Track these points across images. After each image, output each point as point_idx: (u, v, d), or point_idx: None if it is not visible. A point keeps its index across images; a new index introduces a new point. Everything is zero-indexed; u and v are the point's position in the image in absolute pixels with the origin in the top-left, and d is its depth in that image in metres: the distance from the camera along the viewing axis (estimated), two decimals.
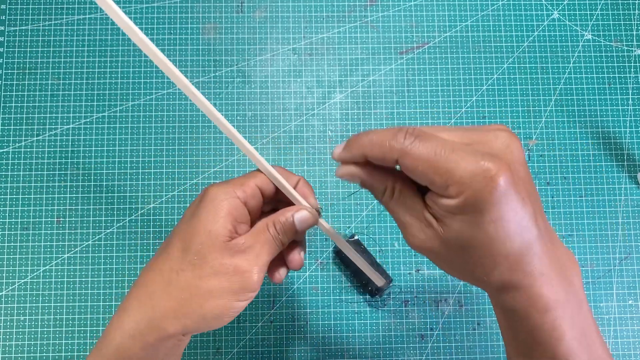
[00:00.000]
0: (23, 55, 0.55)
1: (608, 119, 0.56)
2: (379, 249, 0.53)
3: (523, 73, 0.57)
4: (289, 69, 0.56)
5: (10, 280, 0.51)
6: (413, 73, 0.57)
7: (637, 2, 0.59)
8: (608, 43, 0.58)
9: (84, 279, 0.52)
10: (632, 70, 0.57)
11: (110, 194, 0.53)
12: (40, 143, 0.54)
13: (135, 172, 0.54)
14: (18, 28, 0.56)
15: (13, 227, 0.52)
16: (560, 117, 0.56)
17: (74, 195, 0.53)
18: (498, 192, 0.26)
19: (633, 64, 0.57)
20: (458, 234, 0.28)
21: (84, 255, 0.52)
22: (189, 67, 0.56)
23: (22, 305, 0.51)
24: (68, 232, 0.52)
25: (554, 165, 0.55)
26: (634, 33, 0.58)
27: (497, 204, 0.27)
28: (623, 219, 0.54)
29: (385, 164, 0.30)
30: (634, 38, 0.58)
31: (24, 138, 0.54)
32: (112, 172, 0.54)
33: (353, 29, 0.57)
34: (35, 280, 0.52)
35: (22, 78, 0.55)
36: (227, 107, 0.55)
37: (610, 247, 0.54)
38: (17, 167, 0.53)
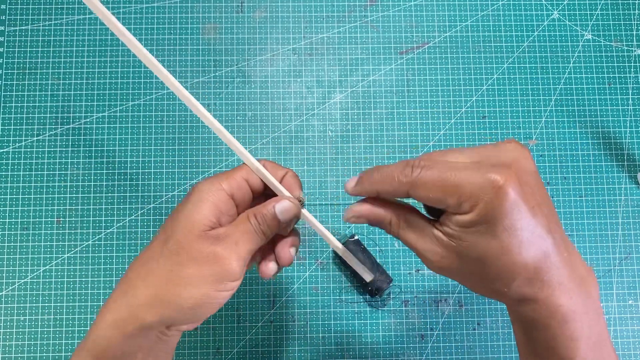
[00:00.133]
0: (23, 55, 0.55)
1: (608, 119, 0.56)
2: (379, 249, 0.53)
3: (523, 73, 0.57)
4: (289, 69, 0.56)
5: (10, 280, 0.51)
6: (413, 73, 0.57)
7: (637, 2, 0.59)
8: (608, 43, 0.58)
9: (84, 279, 0.52)
10: (632, 70, 0.57)
11: (110, 194, 0.53)
12: (40, 143, 0.54)
13: (135, 172, 0.54)
14: (18, 28, 0.56)
15: (13, 227, 0.52)
16: (560, 117, 0.56)
17: (74, 195, 0.53)
18: (508, 201, 0.27)
19: (633, 64, 0.57)
20: (474, 247, 0.29)
21: (84, 255, 0.52)
22: (189, 67, 0.56)
23: (22, 305, 0.51)
24: (68, 232, 0.52)
25: (554, 165, 0.55)
26: (634, 33, 0.58)
27: (508, 213, 0.27)
28: (623, 219, 0.54)
29: (398, 197, 0.31)
30: (634, 38, 0.58)
31: (24, 138, 0.54)
32: (112, 172, 0.54)
33: (353, 29, 0.57)
34: (35, 280, 0.52)
35: (22, 78, 0.55)
36: (227, 107, 0.55)
37: (610, 247, 0.54)
38: (17, 167, 0.53)
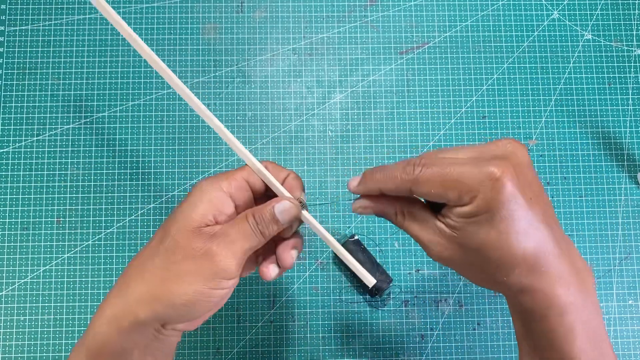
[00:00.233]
0: (23, 55, 0.55)
1: (608, 119, 0.56)
2: (379, 249, 0.53)
3: (523, 73, 0.57)
4: (289, 69, 0.56)
5: (10, 280, 0.51)
6: (413, 73, 0.57)
7: (637, 2, 0.59)
8: (608, 43, 0.58)
9: (84, 279, 0.52)
10: (632, 70, 0.57)
11: (110, 194, 0.53)
12: (40, 143, 0.54)
13: (135, 172, 0.54)
14: (18, 28, 0.56)
15: (13, 227, 0.52)
16: (560, 117, 0.56)
17: (74, 195, 0.53)
18: (505, 192, 0.28)
19: (633, 64, 0.57)
20: (474, 237, 0.30)
21: (84, 255, 0.52)
22: (189, 67, 0.56)
23: (22, 305, 0.51)
24: (68, 232, 0.52)
25: (554, 165, 0.55)
26: (634, 33, 0.58)
27: (506, 203, 0.29)
28: (623, 219, 0.54)
29: (400, 194, 0.32)
30: (634, 38, 0.58)
31: (24, 138, 0.54)
32: (112, 172, 0.54)
33: (353, 29, 0.57)
34: (35, 280, 0.52)
35: (22, 78, 0.55)
36: (227, 107, 0.55)
37: (610, 247, 0.54)
38: (17, 167, 0.53)
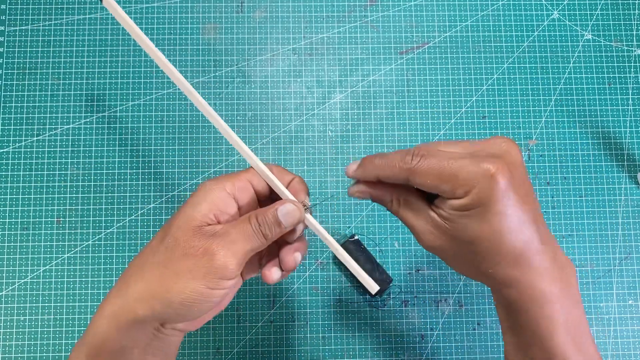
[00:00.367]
0: (23, 55, 0.55)
1: (608, 119, 0.56)
2: (379, 249, 0.53)
3: (523, 73, 0.57)
4: (289, 69, 0.56)
5: (10, 280, 0.51)
6: (413, 73, 0.57)
7: (637, 2, 0.59)
8: (608, 43, 0.58)
9: (84, 279, 0.52)
10: (632, 70, 0.57)
11: (110, 194, 0.53)
12: (40, 143, 0.54)
13: (135, 172, 0.54)
14: (18, 28, 0.56)
15: (13, 227, 0.52)
16: (560, 117, 0.56)
17: (74, 195, 0.53)
18: (499, 188, 0.30)
19: (633, 64, 0.57)
20: (466, 229, 0.31)
21: (84, 255, 0.52)
22: (189, 67, 0.56)
23: (22, 305, 0.51)
24: (68, 232, 0.52)
25: (554, 165, 0.55)
26: (634, 33, 0.58)
27: (499, 199, 0.30)
28: (623, 219, 0.54)
29: (397, 182, 0.33)
30: (634, 38, 0.58)
31: (24, 138, 0.54)
32: (112, 172, 0.54)
33: (353, 29, 0.57)
34: (35, 280, 0.52)
35: (22, 78, 0.55)
36: (227, 107, 0.55)
37: (610, 247, 0.54)
38: (17, 167, 0.53)
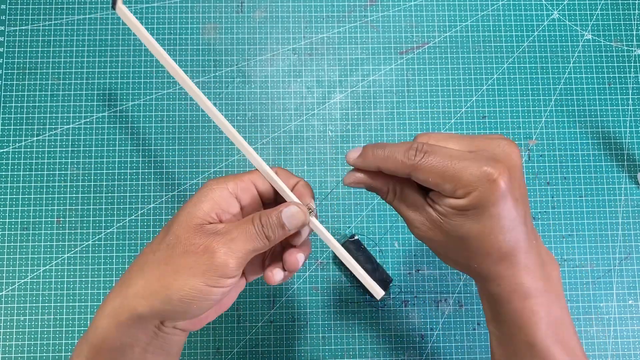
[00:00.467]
0: (23, 55, 0.55)
1: (608, 119, 0.56)
2: (379, 249, 0.53)
3: (523, 73, 0.57)
4: (289, 69, 0.56)
5: (10, 280, 0.51)
6: (413, 73, 0.57)
7: (637, 2, 0.59)
8: (608, 43, 0.58)
9: (84, 279, 0.52)
10: (632, 70, 0.57)
11: (110, 194, 0.53)
12: (40, 143, 0.54)
13: (135, 172, 0.54)
14: (18, 28, 0.56)
15: (13, 227, 0.52)
16: (560, 117, 0.56)
17: (74, 195, 0.53)
18: (499, 192, 0.30)
19: (633, 64, 0.57)
20: (459, 227, 0.32)
21: (84, 255, 0.52)
22: (189, 67, 0.56)
23: (22, 305, 0.51)
24: (68, 232, 0.52)
25: (554, 165, 0.55)
26: (634, 33, 0.58)
27: (496, 202, 0.31)
28: (623, 219, 0.54)
29: (398, 175, 0.33)
30: (634, 38, 0.58)
31: (24, 138, 0.54)
32: (112, 172, 0.54)
33: (353, 29, 0.57)
34: (35, 280, 0.52)
35: (22, 78, 0.55)
36: (227, 107, 0.55)
37: (610, 247, 0.54)
38: (17, 167, 0.53)
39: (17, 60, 0.55)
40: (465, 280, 0.53)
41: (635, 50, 0.57)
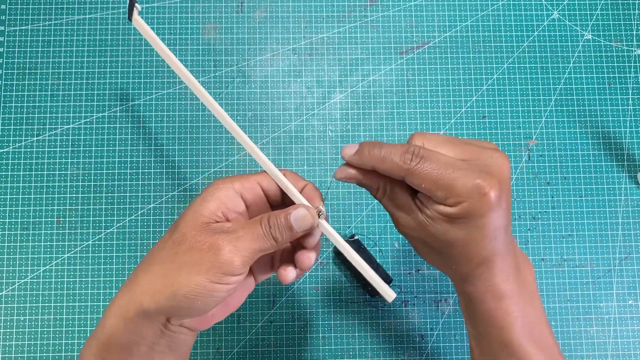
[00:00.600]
0: (23, 55, 0.55)
1: (608, 119, 0.56)
2: (379, 249, 0.53)
3: (523, 73, 0.57)
4: (289, 69, 0.56)
5: (10, 280, 0.52)
6: (413, 73, 0.57)
7: (637, 2, 0.59)
8: (608, 43, 0.58)
9: (84, 279, 0.52)
10: (632, 70, 0.57)
11: (110, 194, 0.53)
12: (40, 143, 0.54)
13: (135, 172, 0.54)
14: (18, 28, 0.56)
15: (13, 227, 0.52)
16: (560, 117, 0.56)
17: (74, 195, 0.53)
18: (489, 206, 0.31)
19: (633, 64, 0.57)
20: (445, 232, 0.33)
21: (84, 255, 0.52)
22: (189, 67, 0.56)
23: (22, 305, 0.51)
24: (68, 232, 0.52)
25: (554, 165, 0.55)
26: (634, 33, 0.58)
27: (484, 214, 0.32)
28: (623, 219, 0.54)
29: (392, 177, 0.34)
30: (634, 38, 0.58)
31: (24, 138, 0.54)
32: (112, 172, 0.54)
33: (353, 29, 0.57)
34: (35, 280, 0.52)
35: (22, 78, 0.55)
36: (227, 107, 0.55)
37: (610, 247, 0.54)
38: (17, 167, 0.53)
39: (17, 60, 0.55)
40: None
41: (635, 50, 0.57)
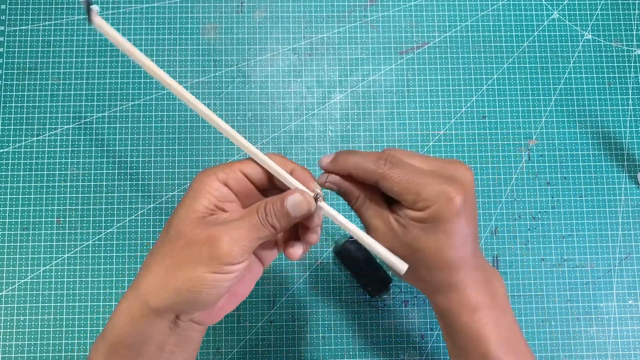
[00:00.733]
0: (23, 55, 0.55)
1: (608, 119, 0.56)
2: None
3: (523, 73, 0.57)
4: (289, 69, 0.56)
5: (10, 280, 0.52)
6: (413, 73, 0.57)
7: (637, 2, 0.59)
8: (608, 43, 0.58)
9: (84, 279, 0.52)
10: (632, 70, 0.57)
11: (110, 194, 0.53)
12: (40, 143, 0.54)
13: (135, 172, 0.54)
14: (18, 28, 0.56)
15: (13, 227, 0.52)
16: (560, 117, 0.56)
17: (74, 195, 0.53)
18: (454, 210, 0.33)
19: (633, 64, 0.57)
20: (416, 238, 0.34)
21: (84, 255, 0.52)
22: (189, 67, 0.56)
23: (22, 305, 0.51)
24: (68, 232, 0.52)
25: (554, 165, 0.55)
26: (634, 33, 0.58)
27: (450, 219, 0.33)
28: (623, 219, 0.54)
29: (366, 182, 0.36)
30: (634, 38, 0.58)
31: (24, 138, 0.54)
32: (112, 172, 0.54)
33: (353, 29, 0.57)
34: (35, 280, 0.52)
35: (22, 78, 0.55)
36: (227, 107, 0.55)
37: (610, 247, 0.54)
38: (17, 167, 0.53)
39: (17, 60, 0.55)
40: None
41: (635, 50, 0.57)
